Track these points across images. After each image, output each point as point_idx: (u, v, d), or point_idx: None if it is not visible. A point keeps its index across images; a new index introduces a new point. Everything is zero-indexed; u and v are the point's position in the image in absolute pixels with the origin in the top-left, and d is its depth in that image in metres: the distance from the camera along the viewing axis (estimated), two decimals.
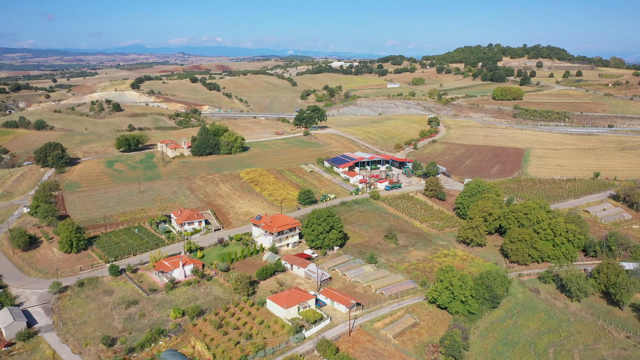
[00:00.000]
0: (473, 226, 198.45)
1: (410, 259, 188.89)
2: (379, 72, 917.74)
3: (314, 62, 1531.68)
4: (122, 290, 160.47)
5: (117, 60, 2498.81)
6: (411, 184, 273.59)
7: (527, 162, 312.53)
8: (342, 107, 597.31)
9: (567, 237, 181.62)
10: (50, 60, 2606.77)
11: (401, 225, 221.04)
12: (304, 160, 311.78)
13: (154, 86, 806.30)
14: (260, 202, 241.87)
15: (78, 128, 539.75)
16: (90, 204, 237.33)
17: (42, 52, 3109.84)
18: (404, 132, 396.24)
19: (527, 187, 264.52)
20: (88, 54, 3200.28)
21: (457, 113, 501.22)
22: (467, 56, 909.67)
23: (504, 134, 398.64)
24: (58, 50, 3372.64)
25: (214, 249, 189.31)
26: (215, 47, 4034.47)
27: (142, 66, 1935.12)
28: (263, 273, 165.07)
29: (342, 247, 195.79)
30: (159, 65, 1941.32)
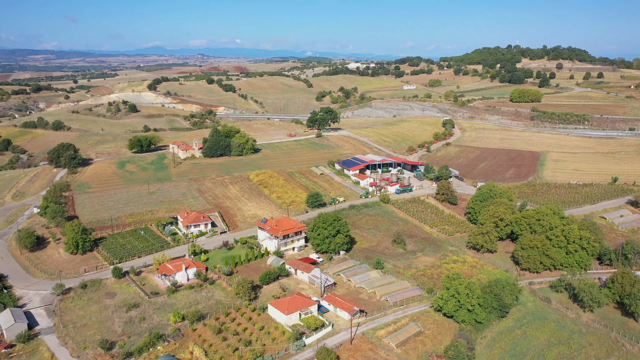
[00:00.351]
0: (483, 232, 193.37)
1: (418, 264, 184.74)
2: (396, 74, 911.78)
3: (331, 63, 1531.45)
4: (125, 293, 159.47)
5: (137, 62, 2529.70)
6: (422, 187, 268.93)
7: (543, 165, 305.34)
8: (357, 108, 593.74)
9: (581, 245, 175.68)
10: (73, 62, 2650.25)
11: (410, 229, 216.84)
12: (315, 163, 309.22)
13: (170, 87, 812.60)
14: (268, 204, 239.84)
15: (94, 129, 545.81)
16: (99, 205, 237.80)
17: (65, 54, 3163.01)
18: (418, 135, 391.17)
19: (542, 191, 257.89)
20: (110, 55, 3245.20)
21: (473, 115, 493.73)
22: (486, 58, 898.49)
23: (520, 136, 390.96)
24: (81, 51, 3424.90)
25: (219, 252, 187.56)
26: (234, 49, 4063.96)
27: (161, 67, 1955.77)
28: (266, 277, 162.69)
29: (348, 251, 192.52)
30: (177, 67, 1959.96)
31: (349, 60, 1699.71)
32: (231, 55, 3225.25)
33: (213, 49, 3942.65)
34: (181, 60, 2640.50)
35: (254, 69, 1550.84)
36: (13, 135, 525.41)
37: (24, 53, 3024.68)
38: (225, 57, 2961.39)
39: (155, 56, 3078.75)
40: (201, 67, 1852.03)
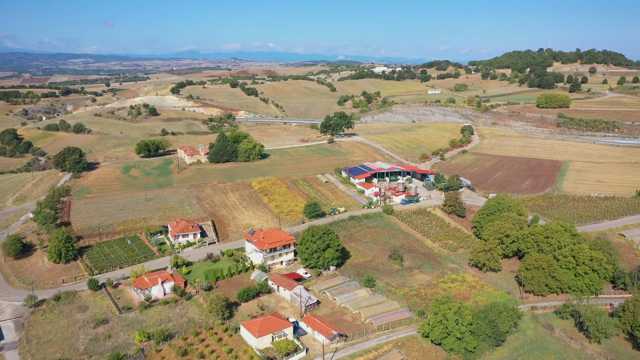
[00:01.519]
0: (486, 249, 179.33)
1: (413, 283, 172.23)
2: (422, 78, 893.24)
3: (359, 67, 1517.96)
4: (97, 306, 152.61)
5: (172, 65, 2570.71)
6: (430, 197, 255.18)
7: (563, 176, 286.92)
8: (377, 113, 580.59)
9: (592, 267, 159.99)
10: (110, 65, 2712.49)
11: (411, 244, 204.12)
12: (323, 170, 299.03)
13: (194, 91, 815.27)
14: (265, 214, 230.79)
15: (114, 132, 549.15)
16: (94, 211, 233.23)
17: (103, 58, 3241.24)
18: (434, 141, 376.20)
19: (558, 204, 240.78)
20: (145, 59, 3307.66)
21: (496, 121, 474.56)
22: (515, 61, 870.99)
23: (542, 144, 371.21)
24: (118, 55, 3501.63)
25: (203, 265, 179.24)
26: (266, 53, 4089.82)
27: (192, 71, 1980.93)
28: (244, 294, 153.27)
29: (340, 267, 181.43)
30: (208, 70, 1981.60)
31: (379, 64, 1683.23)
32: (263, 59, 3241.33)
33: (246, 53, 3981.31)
34: (214, 64, 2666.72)
35: (282, 73, 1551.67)
36: (35, 137, 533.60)
37: (65, 57, 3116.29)
38: (257, 60, 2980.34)
39: (189, 60, 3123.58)
40: (230, 71, 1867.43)
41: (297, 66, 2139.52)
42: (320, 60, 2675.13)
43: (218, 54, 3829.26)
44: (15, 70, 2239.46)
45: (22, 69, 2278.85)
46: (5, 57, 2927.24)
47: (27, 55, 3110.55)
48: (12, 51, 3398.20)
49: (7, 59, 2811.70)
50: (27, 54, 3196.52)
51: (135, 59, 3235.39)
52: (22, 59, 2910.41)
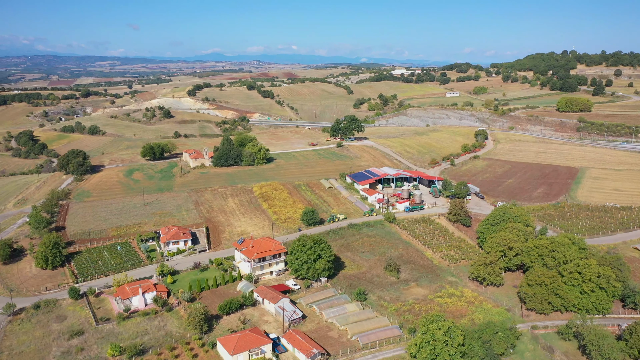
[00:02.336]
0: (487, 262, 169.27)
1: (408, 297, 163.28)
2: (441, 81, 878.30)
3: (379, 70, 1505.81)
4: (76, 316, 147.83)
5: (195, 68, 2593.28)
6: (436, 205, 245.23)
7: (578, 184, 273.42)
8: (392, 116, 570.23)
9: (599, 284, 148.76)
10: (136, 68, 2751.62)
11: (410, 254, 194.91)
12: (328, 175, 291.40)
13: (211, 93, 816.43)
14: (262, 220, 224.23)
15: (128, 134, 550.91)
16: (90, 216, 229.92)
17: (129, 60, 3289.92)
18: (446, 146, 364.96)
19: (570, 214, 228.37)
20: (170, 61, 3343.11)
21: (513, 125, 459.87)
22: (538, 63, 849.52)
23: (559, 150, 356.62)
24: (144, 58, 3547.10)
25: (190, 274, 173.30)
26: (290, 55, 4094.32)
27: (214, 73, 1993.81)
28: (226, 307, 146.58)
29: (332, 278, 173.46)
30: (229, 73, 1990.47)
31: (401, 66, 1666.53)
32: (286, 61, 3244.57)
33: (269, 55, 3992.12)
34: (237, 66, 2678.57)
35: (302, 75, 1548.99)
36: (51, 139, 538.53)
37: (92, 59, 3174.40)
38: (280, 63, 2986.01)
39: (213, 62, 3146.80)
40: (251, 73, 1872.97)
41: (318, 69, 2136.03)
42: (343, 62, 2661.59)
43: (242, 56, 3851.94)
44: (44, 72, 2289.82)
45: (51, 71, 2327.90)
46: (36, 59, 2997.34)
47: (57, 58, 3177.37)
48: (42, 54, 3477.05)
49: (38, 62, 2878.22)
50: (56, 57, 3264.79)
51: (160, 62, 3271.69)
52: (52, 61, 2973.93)
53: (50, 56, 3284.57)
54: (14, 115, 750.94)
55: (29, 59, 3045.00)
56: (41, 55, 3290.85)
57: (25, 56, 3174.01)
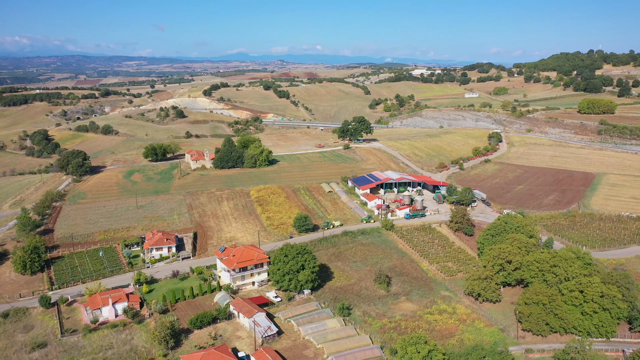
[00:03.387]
0: (482, 277, 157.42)
1: (395, 313, 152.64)
2: (461, 81, 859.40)
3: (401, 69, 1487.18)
4: (43, 327, 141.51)
5: (220, 68, 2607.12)
6: (439, 212, 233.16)
7: (593, 190, 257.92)
8: (407, 118, 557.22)
9: (602, 304, 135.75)
10: (162, 68, 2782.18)
11: (404, 265, 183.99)
12: (330, 178, 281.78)
13: (227, 93, 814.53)
14: (254, 225, 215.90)
15: (140, 134, 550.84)
16: (80, 218, 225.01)
17: (156, 60, 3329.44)
18: (456, 149, 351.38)
19: (581, 224, 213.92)
20: (195, 61, 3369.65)
21: (531, 127, 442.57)
22: (562, 63, 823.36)
23: (576, 154, 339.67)
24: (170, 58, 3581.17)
25: (168, 283, 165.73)
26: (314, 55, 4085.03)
27: (237, 73, 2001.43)
28: (198, 321, 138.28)
29: (318, 289, 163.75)
30: (251, 73, 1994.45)
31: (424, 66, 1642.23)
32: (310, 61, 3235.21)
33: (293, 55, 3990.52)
34: (261, 66, 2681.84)
35: (323, 75, 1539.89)
36: (65, 138, 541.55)
37: (120, 59, 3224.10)
38: (304, 63, 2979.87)
39: (238, 62, 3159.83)
40: (273, 73, 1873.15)
41: (340, 68, 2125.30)
42: (367, 62, 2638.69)
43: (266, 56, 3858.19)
44: (73, 72, 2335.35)
45: (79, 71, 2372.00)
46: (66, 59, 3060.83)
47: (86, 58, 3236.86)
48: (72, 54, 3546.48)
49: (67, 62, 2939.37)
50: (85, 57, 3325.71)
51: (186, 62, 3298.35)
52: (81, 61, 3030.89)
53: (79, 56, 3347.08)
54: (34, 114, 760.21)
55: (59, 59, 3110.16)
56: (71, 56, 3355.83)
57: (56, 56, 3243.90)
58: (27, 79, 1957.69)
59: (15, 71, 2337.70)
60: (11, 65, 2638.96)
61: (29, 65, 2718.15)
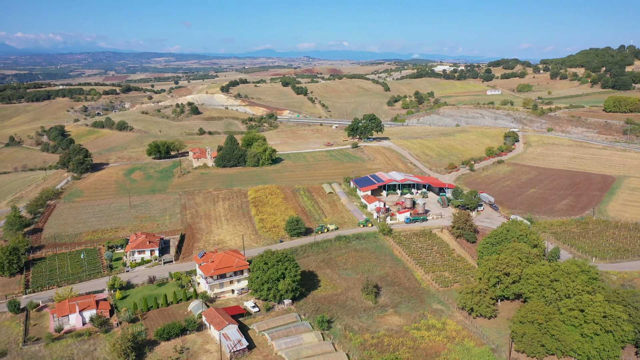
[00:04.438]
0: (476, 290, 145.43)
1: (380, 327, 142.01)
2: (484, 77, 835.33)
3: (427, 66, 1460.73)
4: (8, 333, 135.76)
5: (246, 64, 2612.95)
6: (442, 216, 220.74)
7: (612, 195, 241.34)
8: (423, 115, 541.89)
9: (604, 326, 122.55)
10: (189, 64, 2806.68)
11: (397, 274, 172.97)
12: (334, 178, 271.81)
13: (245, 90, 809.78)
14: (246, 228, 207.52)
15: (154, 130, 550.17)
16: (72, 218, 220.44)
17: (184, 56, 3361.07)
18: (469, 149, 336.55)
19: (594, 232, 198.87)
20: (223, 58, 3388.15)
21: (552, 126, 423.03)
22: (591, 59, 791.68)
23: (597, 155, 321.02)
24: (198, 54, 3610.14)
25: (144, 289, 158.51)
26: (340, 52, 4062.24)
27: (260, 69, 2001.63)
28: (165, 332, 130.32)
29: (301, 299, 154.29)
30: (275, 69, 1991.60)
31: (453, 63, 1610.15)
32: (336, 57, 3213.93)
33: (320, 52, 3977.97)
34: (287, 62, 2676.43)
35: (347, 71, 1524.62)
36: (81, 134, 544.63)
37: (149, 56, 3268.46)
38: (330, 59, 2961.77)
39: (264, 58, 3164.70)
40: (296, 70, 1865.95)
41: (365, 65, 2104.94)
42: (393, 59, 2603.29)
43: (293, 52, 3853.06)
44: (103, 68, 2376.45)
45: (109, 67, 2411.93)
46: (97, 56, 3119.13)
47: (116, 55, 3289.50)
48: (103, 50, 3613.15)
49: (98, 58, 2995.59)
50: (116, 53, 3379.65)
51: (213, 58, 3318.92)
52: (111, 57, 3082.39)
53: (110, 53, 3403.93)
54: (55, 109, 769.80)
55: (91, 55, 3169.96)
56: (102, 52, 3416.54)
57: (87, 53, 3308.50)
58: (59, 74, 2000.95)
59: (48, 67, 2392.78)
60: (45, 62, 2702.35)
61: (62, 61, 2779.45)
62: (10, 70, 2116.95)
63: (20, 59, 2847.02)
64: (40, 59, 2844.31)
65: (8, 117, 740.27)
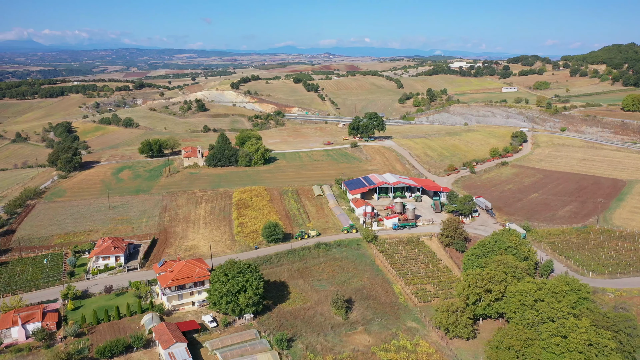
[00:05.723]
0: (452, 309, 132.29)
1: (346, 347, 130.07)
2: (502, 74, 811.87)
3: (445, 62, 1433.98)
4: None
5: (267, 60, 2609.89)
6: (433, 222, 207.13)
7: (620, 201, 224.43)
8: (433, 113, 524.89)
9: (588, 356, 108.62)
10: (210, 60, 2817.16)
11: (374, 286, 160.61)
12: (327, 179, 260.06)
13: (256, 86, 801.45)
14: (222, 233, 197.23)
15: (159, 127, 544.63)
16: (47, 219, 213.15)
17: (205, 53, 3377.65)
18: (474, 149, 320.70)
19: (595, 243, 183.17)
20: (243, 54, 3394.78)
21: (566, 125, 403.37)
22: (613, 56, 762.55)
23: (609, 157, 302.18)
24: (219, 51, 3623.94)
25: (101, 299, 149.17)
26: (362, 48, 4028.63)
27: (279, 66, 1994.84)
28: (107, 350, 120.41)
29: (265, 313, 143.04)
30: (293, 65, 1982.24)
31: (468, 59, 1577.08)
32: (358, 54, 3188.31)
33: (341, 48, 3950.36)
34: (307, 59, 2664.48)
35: (365, 68, 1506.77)
36: (87, 131, 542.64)
37: (171, 52, 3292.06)
38: (351, 55, 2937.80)
39: (285, 55, 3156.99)
40: (313, 66, 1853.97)
41: (384, 61, 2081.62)
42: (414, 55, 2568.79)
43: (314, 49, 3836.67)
44: (125, 64, 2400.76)
45: (132, 64, 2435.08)
46: (120, 52, 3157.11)
47: (139, 51, 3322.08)
48: (127, 47, 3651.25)
49: (121, 54, 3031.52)
50: (139, 50, 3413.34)
51: (234, 54, 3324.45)
52: (134, 54, 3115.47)
53: (133, 49, 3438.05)
54: (67, 106, 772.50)
55: (114, 51, 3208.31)
56: (125, 49, 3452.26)
57: (112, 49, 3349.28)
58: (82, 71, 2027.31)
59: (72, 63, 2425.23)
60: (70, 58, 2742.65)
61: (86, 58, 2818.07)
62: (36, 66, 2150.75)
63: (47, 55, 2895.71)
64: (65, 56, 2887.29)
65: (21, 112, 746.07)
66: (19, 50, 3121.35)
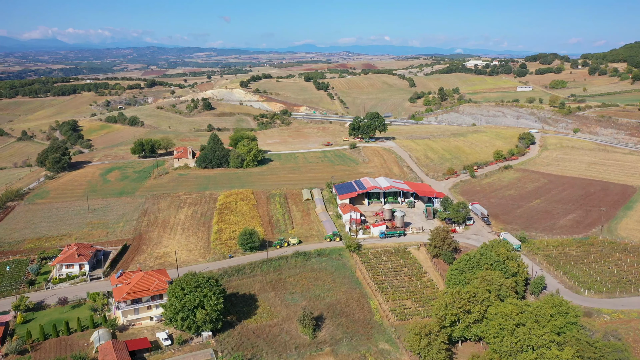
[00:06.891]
0: (425, 332, 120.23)
1: None
2: (518, 73, 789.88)
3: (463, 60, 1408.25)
4: None
5: (285, 59, 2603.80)
6: (423, 230, 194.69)
7: (628, 210, 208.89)
8: (442, 113, 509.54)
9: None
10: (229, 59, 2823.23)
11: (350, 301, 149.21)
12: (319, 182, 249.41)
13: (265, 85, 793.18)
14: (198, 240, 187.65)
15: (163, 126, 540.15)
16: (24, 222, 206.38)
17: (225, 51, 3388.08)
18: (477, 151, 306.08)
19: (596, 256, 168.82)
20: (262, 52, 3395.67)
21: (579, 127, 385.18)
22: (635, 54, 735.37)
23: (621, 161, 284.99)
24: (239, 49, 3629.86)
25: (55, 311, 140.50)
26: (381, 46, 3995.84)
27: (295, 64, 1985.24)
28: None
29: (226, 330, 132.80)
30: (310, 64, 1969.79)
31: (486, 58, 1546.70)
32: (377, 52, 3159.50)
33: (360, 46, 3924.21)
34: (325, 57, 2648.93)
35: (382, 66, 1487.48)
36: (93, 129, 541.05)
37: (192, 51, 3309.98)
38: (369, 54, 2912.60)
39: (303, 53, 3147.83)
40: (329, 65, 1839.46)
41: (401, 59, 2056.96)
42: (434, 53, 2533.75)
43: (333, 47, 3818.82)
44: (146, 63, 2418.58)
45: (152, 62, 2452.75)
46: (141, 50, 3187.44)
47: (160, 49, 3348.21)
48: (148, 45, 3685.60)
49: (142, 53, 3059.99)
50: (160, 48, 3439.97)
51: (253, 53, 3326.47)
52: (155, 52, 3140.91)
53: (154, 48, 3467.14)
54: (79, 104, 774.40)
55: (136, 50, 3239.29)
56: (146, 47, 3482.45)
57: (133, 48, 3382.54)
58: (103, 69, 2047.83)
59: (94, 62, 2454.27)
60: (92, 56, 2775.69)
61: (108, 56, 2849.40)
62: (58, 64, 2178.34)
63: (70, 53, 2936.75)
64: (88, 54, 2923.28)
65: (33, 110, 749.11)
66: (44, 48, 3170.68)
